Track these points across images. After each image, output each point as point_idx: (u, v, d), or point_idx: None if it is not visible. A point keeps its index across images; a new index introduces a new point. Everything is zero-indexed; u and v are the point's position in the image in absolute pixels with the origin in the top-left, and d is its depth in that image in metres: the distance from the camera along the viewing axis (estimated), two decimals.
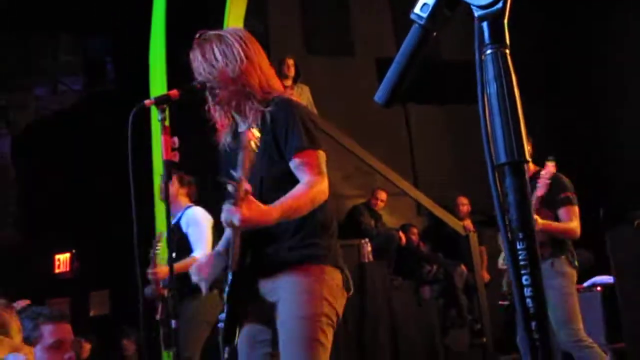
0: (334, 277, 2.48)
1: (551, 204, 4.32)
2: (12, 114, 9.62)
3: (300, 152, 2.39)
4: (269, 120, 2.44)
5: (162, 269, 4.64)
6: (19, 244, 8.91)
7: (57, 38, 9.93)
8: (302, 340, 2.37)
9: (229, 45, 2.48)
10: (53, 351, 2.71)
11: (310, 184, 2.36)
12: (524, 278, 0.94)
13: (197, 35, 2.56)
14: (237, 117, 2.57)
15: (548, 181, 4.21)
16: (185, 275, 2.70)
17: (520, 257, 0.95)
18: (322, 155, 2.46)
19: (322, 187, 2.40)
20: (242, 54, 2.47)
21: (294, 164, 2.40)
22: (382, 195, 7.95)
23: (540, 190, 4.19)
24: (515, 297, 0.95)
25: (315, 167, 2.41)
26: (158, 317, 4.70)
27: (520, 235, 0.95)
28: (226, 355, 2.57)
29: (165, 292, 4.75)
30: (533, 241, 0.95)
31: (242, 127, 2.53)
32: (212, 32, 2.55)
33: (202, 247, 4.79)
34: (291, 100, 2.52)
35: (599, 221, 6.64)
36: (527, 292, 0.94)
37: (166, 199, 2.55)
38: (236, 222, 2.22)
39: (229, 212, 2.23)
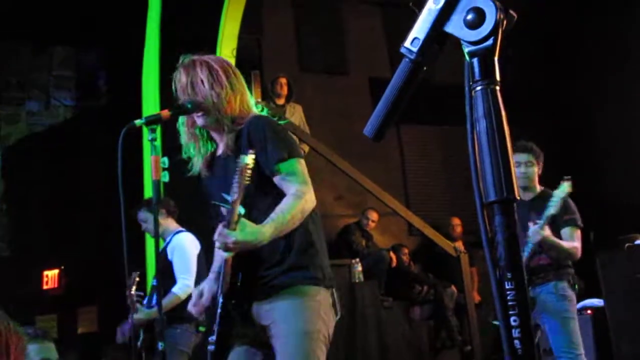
0: (326, 298, 2.52)
1: (556, 225, 4.30)
2: (3, 128, 9.57)
3: (281, 163, 2.44)
4: (245, 138, 2.50)
5: (144, 313, 4.64)
6: (8, 259, 8.84)
7: (50, 52, 9.91)
8: (303, 355, 2.40)
9: (215, 72, 2.55)
10: None
11: (298, 195, 2.40)
12: (512, 319, 0.92)
13: (182, 59, 2.63)
14: (217, 139, 2.63)
15: (563, 200, 4.16)
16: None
17: (508, 297, 0.93)
18: (303, 163, 2.49)
19: (310, 196, 2.43)
20: (226, 82, 2.54)
21: (278, 177, 2.44)
22: (374, 215, 7.94)
23: (553, 208, 4.14)
24: (502, 337, 0.93)
25: (300, 176, 2.45)
26: (139, 344, 4.69)
27: (509, 275, 0.94)
28: None
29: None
30: (522, 281, 0.94)
31: (220, 150, 2.60)
32: (197, 57, 2.61)
33: (185, 277, 4.75)
34: (263, 116, 2.60)
35: (590, 244, 6.65)
36: (516, 333, 0.93)
37: (155, 224, 2.52)
38: (230, 244, 2.25)
39: (222, 235, 2.26)
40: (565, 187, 4.19)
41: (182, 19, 6.89)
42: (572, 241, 4.29)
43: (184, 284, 4.70)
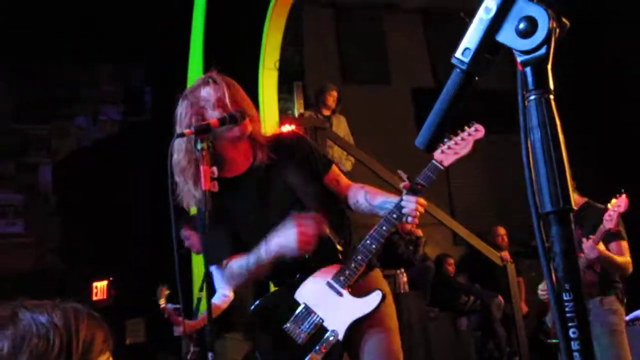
0: None
1: (604, 239, 4.22)
2: (54, 143, 9.81)
3: (333, 165, 2.83)
4: (288, 149, 2.72)
5: (187, 324, 4.68)
6: (58, 271, 9.02)
7: (97, 68, 10.14)
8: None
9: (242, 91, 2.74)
10: None
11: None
12: (571, 331, 0.91)
13: (206, 78, 2.72)
14: (233, 156, 2.70)
15: (619, 215, 4.08)
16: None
17: (567, 309, 0.92)
18: None
19: None
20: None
21: (331, 177, 2.76)
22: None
23: (610, 223, 4.04)
24: (561, 350, 0.92)
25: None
26: (189, 357, 4.73)
27: (567, 286, 0.93)
28: None
29: (195, 334, 4.80)
30: (580, 292, 0.92)
31: (257, 162, 2.70)
32: (220, 75, 2.72)
33: (222, 286, 4.77)
34: (300, 133, 3.00)
35: None
36: (575, 345, 0.91)
37: (202, 233, 2.54)
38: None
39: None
40: (624, 201, 4.09)
41: (226, 33, 6.98)
42: (621, 255, 4.22)
43: (222, 294, 4.74)
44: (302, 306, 2.59)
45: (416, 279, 7.23)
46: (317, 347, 2.54)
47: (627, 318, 5.97)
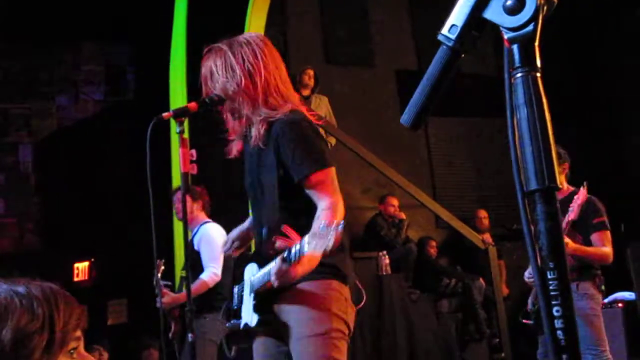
0: (342, 292, 2.42)
1: (584, 228, 4.27)
2: (34, 123, 9.71)
3: (310, 176, 2.37)
4: (273, 139, 2.42)
5: (170, 297, 4.70)
6: (39, 252, 8.97)
7: (79, 47, 10.03)
8: (316, 359, 2.34)
9: (233, 60, 2.46)
10: None
11: (331, 208, 2.31)
12: (554, 309, 0.91)
13: (207, 49, 2.58)
14: (242, 127, 2.57)
15: (580, 206, 4.14)
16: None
17: (551, 287, 0.92)
18: (332, 171, 2.41)
19: (341, 206, 2.35)
20: (240, 72, 2.45)
21: (307, 188, 2.38)
22: (393, 200, 7.82)
23: (572, 214, 4.12)
24: (545, 328, 0.92)
25: (329, 187, 2.37)
26: (171, 335, 4.74)
27: (551, 265, 0.92)
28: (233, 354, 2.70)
29: (177, 312, 4.80)
30: (564, 271, 0.92)
31: (252, 133, 2.50)
32: (221, 43, 2.53)
33: (213, 265, 4.79)
34: (294, 121, 2.44)
35: (621, 236, 6.56)
36: (558, 323, 0.91)
37: (184, 214, 2.53)
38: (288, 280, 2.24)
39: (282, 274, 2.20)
40: (583, 194, 4.16)
41: (209, 13, 6.92)
42: (602, 246, 4.26)
43: (212, 272, 4.75)
44: (245, 280, 2.60)
45: (398, 261, 7.26)
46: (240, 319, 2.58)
47: (606, 300, 6.06)
